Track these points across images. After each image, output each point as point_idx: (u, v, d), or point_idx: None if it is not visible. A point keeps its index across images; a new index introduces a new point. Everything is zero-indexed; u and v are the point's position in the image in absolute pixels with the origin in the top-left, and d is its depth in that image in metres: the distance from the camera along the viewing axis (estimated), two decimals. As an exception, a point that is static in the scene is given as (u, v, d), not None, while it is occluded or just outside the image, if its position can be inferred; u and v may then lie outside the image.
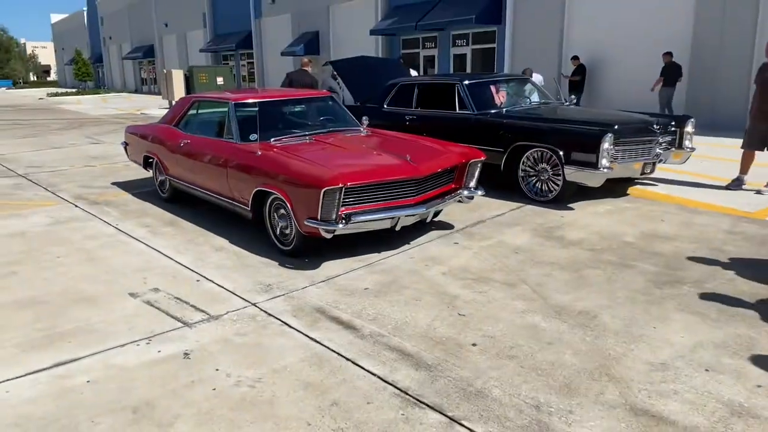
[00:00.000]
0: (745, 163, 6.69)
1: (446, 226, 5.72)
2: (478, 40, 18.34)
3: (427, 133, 6.54)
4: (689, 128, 6.82)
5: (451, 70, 19.06)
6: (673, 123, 6.74)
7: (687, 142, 6.83)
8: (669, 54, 12.33)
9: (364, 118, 6.32)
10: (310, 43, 24.38)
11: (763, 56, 6.69)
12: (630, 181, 7.02)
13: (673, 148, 6.74)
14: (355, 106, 8.73)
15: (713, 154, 8.87)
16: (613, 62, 14.44)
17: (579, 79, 14.36)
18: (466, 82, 7.42)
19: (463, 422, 2.66)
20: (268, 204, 4.98)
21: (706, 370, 3.04)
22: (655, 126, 6.44)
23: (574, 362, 3.16)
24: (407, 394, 2.90)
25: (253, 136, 5.28)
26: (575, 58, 14.46)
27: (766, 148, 6.55)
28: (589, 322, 3.62)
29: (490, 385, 2.95)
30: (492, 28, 17.44)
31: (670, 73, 12.29)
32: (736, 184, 6.69)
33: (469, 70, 18.67)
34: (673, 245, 4.95)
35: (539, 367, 3.11)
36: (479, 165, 5.49)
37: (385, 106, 8.26)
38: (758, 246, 4.87)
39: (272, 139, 5.40)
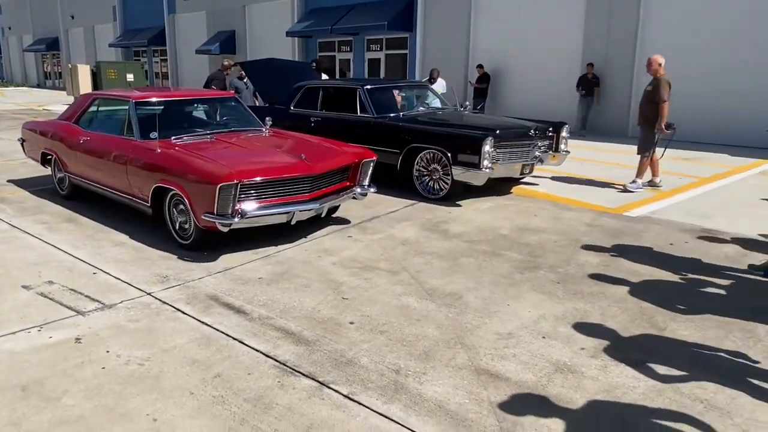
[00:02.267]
0: (648, 167, 7.40)
1: (343, 221, 6.11)
2: (391, 45, 18.95)
3: (330, 134, 6.90)
4: (564, 133, 7.58)
5: (366, 75, 19.58)
6: (550, 129, 7.48)
7: (563, 146, 7.59)
8: (590, 65, 13.25)
9: (267, 119, 6.60)
10: (226, 42, 24.15)
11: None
12: (514, 181, 7.70)
13: (551, 152, 7.48)
14: (264, 107, 8.98)
15: (598, 158, 9.81)
16: (514, 71, 15.42)
17: (484, 87, 15.26)
18: (367, 87, 7.86)
19: (330, 385, 3.04)
20: (167, 200, 5.17)
21: (543, 337, 3.60)
22: (533, 131, 7.14)
23: (435, 334, 3.62)
24: (285, 365, 3.25)
25: (154, 135, 5.44)
26: (480, 66, 15.33)
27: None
28: (455, 301, 4.12)
29: (359, 355, 3.35)
30: (404, 35, 18.10)
31: (587, 83, 13.22)
32: (638, 186, 7.42)
33: (382, 74, 19.25)
34: (540, 237, 5.59)
35: (405, 339, 3.56)
36: (371, 164, 5.93)
37: (292, 108, 8.56)
38: (611, 237, 5.60)
39: (173, 138, 5.58)
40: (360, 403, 2.88)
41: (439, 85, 11.48)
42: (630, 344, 3.50)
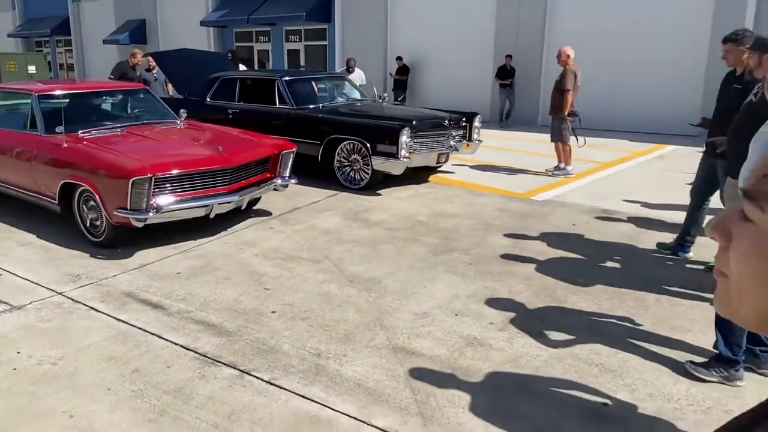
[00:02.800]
0: (570, 152, 7.83)
1: (264, 213, 6.12)
2: (310, 36, 18.85)
3: (249, 126, 6.86)
4: (477, 123, 7.91)
5: (285, 66, 19.38)
6: (463, 119, 7.78)
7: (475, 135, 7.92)
8: (509, 57, 13.68)
9: (182, 110, 6.47)
10: (136, 32, 23.12)
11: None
12: (431, 170, 7.95)
13: (465, 141, 7.78)
14: (178, 99, 8.75)
15: (511, 146, 10.27)
16: (432, 63, 15.78)
17: (404, 79, 15.52)
18: (286, 78, 7.86)
19: (252, 373, 3.11)
20: (76, 196, 4.99)
21: (456, 315, 3.81)
22: (447, 121, 7.40)
23: (355, 318, 3.75)
24: (206, 356, 3.28)
25: (59, 129, 5.22)
26: (399, 58, 15.57)
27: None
28: (375, 286, 4.27)
29: (281, 343, 3.43)
30: (323, 26, 18.05)
31: (506, 74, 13.67)
32: (562, 172, 7.84)
33: (302, 65, 19.12)
34: (455, 222, 5.84)
35: (326, 325, 3.66)
36: (291, 156, 5.96)
37: (209, 99, 8.40)
38: (519, 219, 5.94)
39: (80, 132, 5.38)
40: (281, 387, 2.97)
41: (357, 76, 11.58)
42: (534, 317, 3.78)
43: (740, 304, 0.56)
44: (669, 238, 5.07)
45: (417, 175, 7.66)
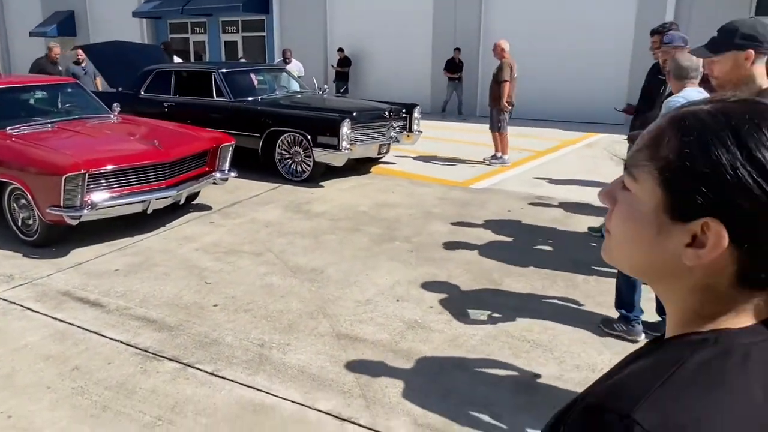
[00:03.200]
0: (507, 142, 8.11)
1: (204, 207, 6.06)
2: (248, 28, 18.55)
3: (186, 119, 6.74)
4: (416, 114, 8.05)
5: (223, 58, 19.00)
6: (403, 110, 7.91)
7: (415, 126, 8.07)
8: (458, 50, 13.81)
9: (115, 104, 6.30)
10: (65, 24, 22.08)
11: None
12: (374, 161, 8.06)
13: (405, 132, 7.92)
14: (111, 93, 8.49)
15: (451, 137, 10.48)
16: (373, 55, 15.85)
17: (345, 70, 15.52)
18: (222, 70, 7.76)
19: (195, 365, 3.13)
20: (6, 195, 4.82)
21: (398, 300, 3.93)
22: (387, 113, 7.52)
23: (299, 308, 3.82)
24: (147, 351, 3.27)
25: (-16, 125, 5.02)
26: (340, 50, 15.55)
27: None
28: (317, 276, 4.33)
29: (224, 335, 3.46)
30: (261, 17, 17.79)
31: (455, 67, 13.79)
32: (499, 161, 8.08)
33: (241, 57, 18.79)
34: (396, 211, 5.97)
35: (269, 315, 3.71)
36: (230, 149, 5.93)
37: (143, 92, 8.19)
38: (459, 207, 6.12)
39: (8, 128, 5.18)
40: (225, 378, 3.01)
41: (295, 67, 11.52)
42: (472, 299, 3.95)
43: (618, 255, 0.68)
44: (598, 221, 5.36)
45: (359, 167, 7.74)
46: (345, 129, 6.70)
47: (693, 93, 3.15)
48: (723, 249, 0.57)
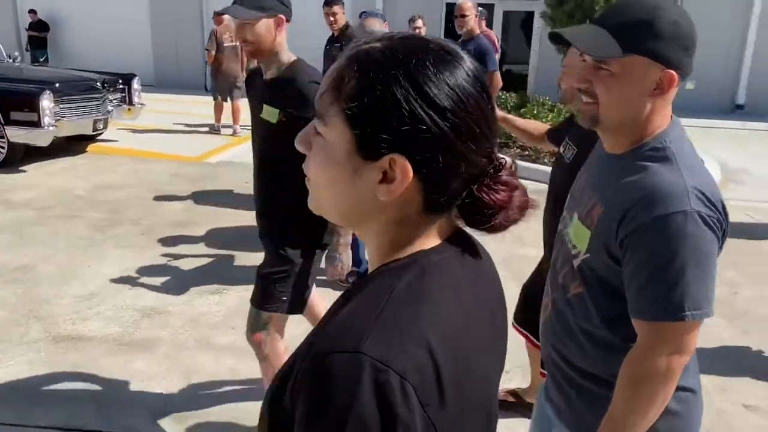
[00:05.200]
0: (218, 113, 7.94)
1: None
2: None
3: None
4: (136, 85, 7.35)
5: None
6: (120, 81, 7.14)
7: (136, 99, 7.36)
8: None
9: None
10: None
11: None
12: (89, 138, 7.14)
13: (125, 105, 7.18)
14: None
15: (178, 109, 9.83)
16: (76, 18, 13.90)
17: (43, 36, 13.33)
18: None
19: None
20: None
21: (130, 288, 3.58)
22: (100, 84, 6.70)
23: (3, 316, 3.21)
24: None
25: None
26: (32, 11, 13.28)
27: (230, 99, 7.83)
28: (25, 275, 3.69)
29: None
30: None
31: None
32: (216, 130, 7.84)
33: None
34: (121, 193, 5.40)
35: (-40, 330, 3.04)
36: None
37: None
38: (193, 183, 5.81)
39: None
40: None
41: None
42: (211, 277, 3.79)
43: (322, 203, 0.66)
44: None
45: (72, 146, 6.80)
46: (46, 102, 5.78)
47: None
48: (409, 181, 0.59)
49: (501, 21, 12.29)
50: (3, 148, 5.92)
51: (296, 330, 3.26)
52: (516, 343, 2.05)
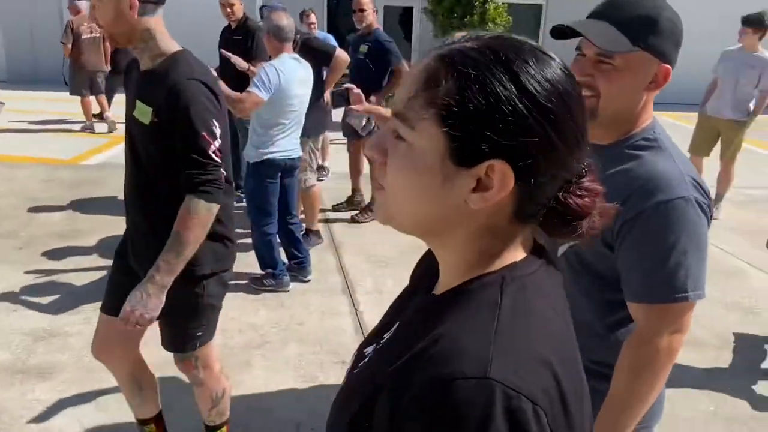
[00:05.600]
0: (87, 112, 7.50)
1: None
2: None
3: None
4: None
5: None
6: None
7: (-7, 97, 6.59)
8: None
9: None
10: None
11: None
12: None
13: (-21, 104, 6.39)
14: None
15: (45, 108, 8.90)
16: None
17: None
18: None
19: None
20: None
21: (14, 311, 3.22)
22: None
23: None
24: None
25: None
26: None
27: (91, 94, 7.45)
28: None
29: None
30: None
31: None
32: (90, 128, 7.43)
33: None
34: (-12, 203, 4.83)
35: None
36: None
37: None
38: (72, 189, 5.31)
39: None
40: None
41: None
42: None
43: (396, 211, 0.62)
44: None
45: None
46: None
47: (288, 58, 3.33)
48: (509, 189, 0.56)
49: (383, 16, 12.48)
50: None
51: (254, 318, 3.14)
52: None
